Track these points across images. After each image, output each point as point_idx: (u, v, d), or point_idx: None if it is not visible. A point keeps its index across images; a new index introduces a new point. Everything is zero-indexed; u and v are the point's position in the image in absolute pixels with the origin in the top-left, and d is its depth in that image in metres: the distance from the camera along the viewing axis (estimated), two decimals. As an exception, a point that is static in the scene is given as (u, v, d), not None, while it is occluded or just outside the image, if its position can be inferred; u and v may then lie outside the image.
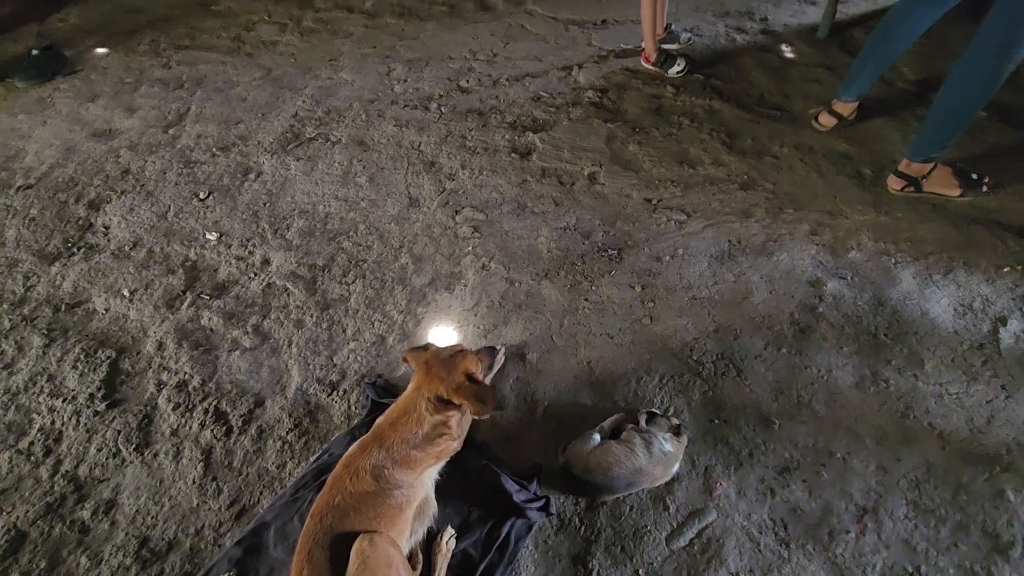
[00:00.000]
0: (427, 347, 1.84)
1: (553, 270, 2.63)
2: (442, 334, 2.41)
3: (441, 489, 1.85)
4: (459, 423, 1.84)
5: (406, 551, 1.72)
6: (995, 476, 1.87)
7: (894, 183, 2.84)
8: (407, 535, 1.73)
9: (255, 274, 2.72)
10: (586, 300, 2.49)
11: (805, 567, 1.71)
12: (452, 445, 1.83)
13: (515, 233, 2.82)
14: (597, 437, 1.93)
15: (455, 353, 1.78)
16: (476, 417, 1.71)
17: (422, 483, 1.80)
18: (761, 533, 1.79)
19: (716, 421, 2.06)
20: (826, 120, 3.25)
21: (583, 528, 1.83)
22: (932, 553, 1.72)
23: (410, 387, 1.77)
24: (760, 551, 1.75)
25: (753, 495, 1.87)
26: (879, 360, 2.20)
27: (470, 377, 1.73)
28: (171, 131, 3.61)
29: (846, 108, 3.20)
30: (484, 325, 2.43)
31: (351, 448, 1.74)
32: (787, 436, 2.00)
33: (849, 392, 2.11)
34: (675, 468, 1.89)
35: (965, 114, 2.56)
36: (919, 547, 1.74)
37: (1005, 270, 2.48)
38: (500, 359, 2.26)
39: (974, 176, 2.79)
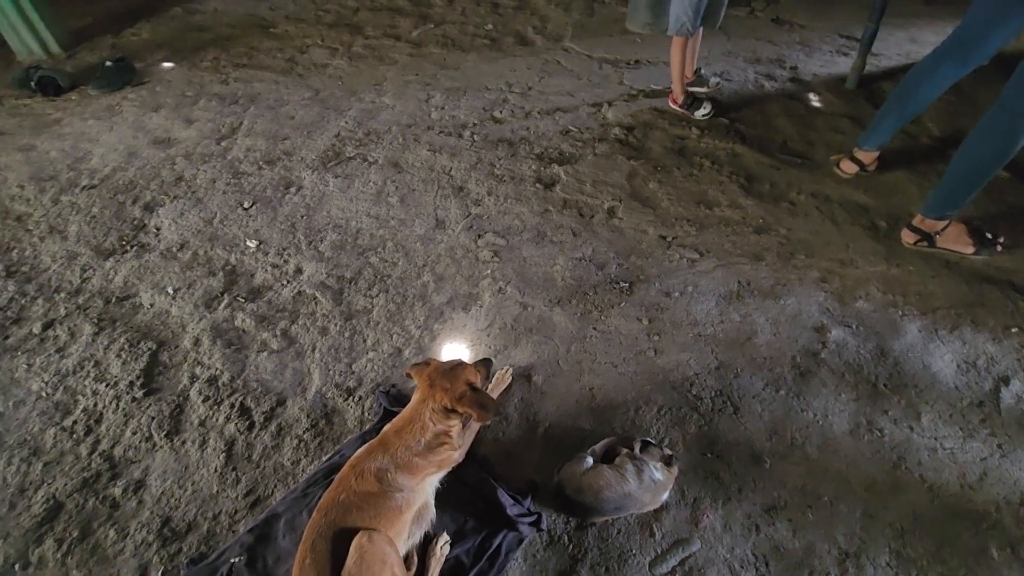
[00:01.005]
0: (428, 362, 1.98)
1: (566, 298, 2.75)
2: (455, 351, 2.55)
3: (441, 497, 1.97)
4: (460, 433, 1.96)
5: (403, 552, 1.84)
6: (981, 533, 1.90)
7: (908, 237, 2.89)
8: (405, 536, 1.85)
9: (288, 281, 2.91)
10: (594, 329, 2.60)
11: (782, 604, 1.77)
12: (453, 455, 1.95)
13: (532, 260, 2.96)
14: (589, 460, 2.03)
15: (455, 366, 1.92)
16: (479, 423, 1.83)
17: (423, 489, 1.92)
18: (743, 567, 1.85)
19: (709, 455, 2.13)
20: (847, 167, 3.32)
21: (571, 546, 1.92)
22: (910, 603, 1.76)
23: (415, 399, 1.91)
24: (739, 584, 1.81)
25: (738, 530, 1.93)
26: (876, 409, 2.24)
27: (471, 386, 1.86)
28: (223, 143, 3.89)
29: (867, 157, 3.27)
30: (495, 345, 2.56)
31: (359, 451, 1.88)
32: (777, 476, 2.06)
33: (843, 438, 2.16)
34: (664, 496, 1.97)
35: (981, 175, 2.61)
36: (898, 596, 1.77)
37: (1013, 331, 2.50)
38: (507, 378, 2.39)
39: (989, 235, 2.82)
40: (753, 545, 1.90)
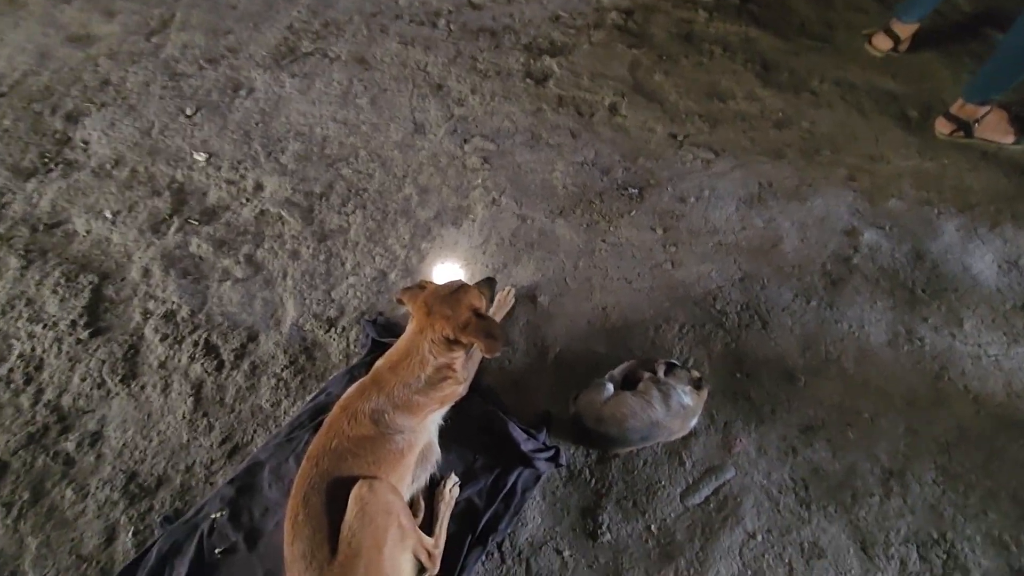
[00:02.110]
0: (423, 286, 1.68)
1: (568, 208, 2.44)
2: (448, 272, 2.25)
3: (445, 435, 1.75)
4: (464, 365, 1.71)
5: (407, 498, 1.63)
6: (1031, 443, 1.77)
7: (943, 126, 2.61)
8: (408, 481, 1.64)
9: (247, 200, 2.52)
10: (603, 241, 2.32)
11: (826, 529, 1.63)
12: (457, 389, 1.71)
13: (528, 166, 2.60)
14: (610, 387, 1.81)
15: (456, 289, 1.63)
16: (487, 356, 1.58)
17: (425, 428, 1.69)
18: (781, 493, 1.70)
19: (738, 375, 1.94)
20: (880, 42, 2.96)
21: (593, 481, 1.74)
22: (959, 520, 1.64)
23: (410, 329, 1.63)
24: (779, 511, 1.67)
25: (774, 453, 1.77)
26: (915, 317, 2.05)
27: (477, 313, 1.58)
28: (154, 39, 3.30)
29: (905, 31, 2.90)
30: (493, 263, 2.27)
31: (348, 391, 1.62)
32: (812, 393, 1.89)
33: (881, 350, 1.98)
34: (693, 423, 1.78)
35: (1034, 55, 2.30)
36: (946, 513, 1.65)
37: (1056, 226, 2.30)
38: (510, 300, 2.11)
39: (1032, 122, 2.56)
40: (790, 469, 1.74)
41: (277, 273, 2.27)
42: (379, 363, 1.64)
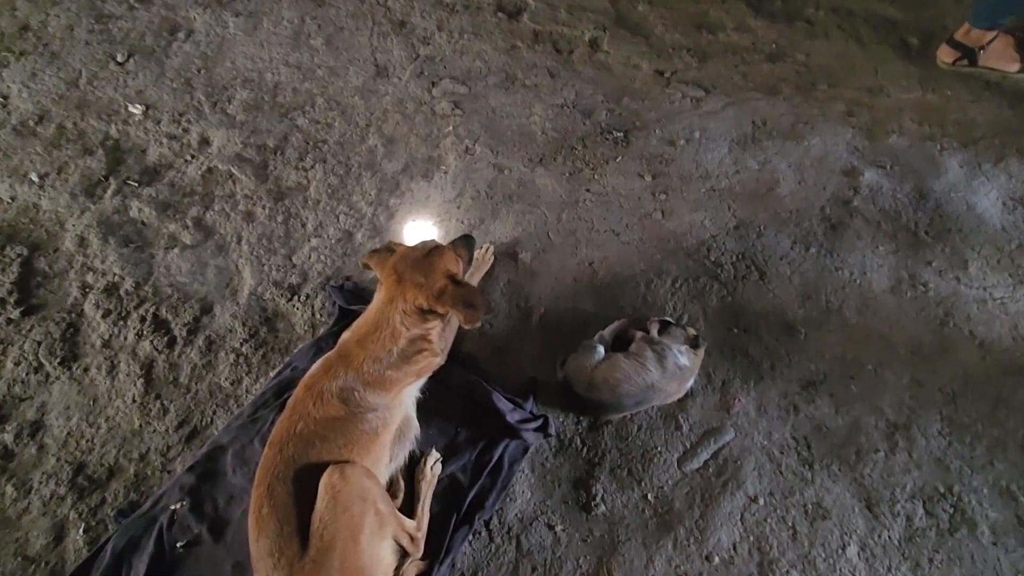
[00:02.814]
0: (391, 248, 1.50)
1: (549, 155, 2.24)
2: (420, 230, 2.06)
3: (423, 408, 1.61)
4: (441, 335, 1.55)
5: (385, 478, 1.51)
6: (1038, 389, 1.70)
7: (945, 55, 2.43)
8: (385, 461, 1.51)
9: (192, 156, 2.27)
10: (587, 191, 2.13)
11: (830, 489, 1.55)
12: (435, 361, 1.56)
13: (503, 110, 2.38)
14: (601, 349, 1.68)
15: (429, 252, 1.45)
16: (466, 327, 1.42)
17: (401, 403, 1.54)
18: (783, 453, 1.61)
19: (735, 330, 1.81)
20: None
21: (585, 450, 1.63)
22: (966, 472, 1.57)
23: (378, 297, 1.45)
24: (781, 473, 1.58)
25: (774, 412, 1.67)
26: (918, 261, 1.94)
27: (453, 279, 1.41)
28: (76, -24, 2.91)
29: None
30: (469, 219, 2.08)
31: (312, 368, 1.45)
32: (813, 347, 1.78)
33: (884, 297, 1.87)
34: (690, 383, 1.66)
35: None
36: (952, 466, 1.58)
37: (1062, 159, 2.18)
38: (488, 258, 1.94)
39: (1038, 48, 2.39)
40: (792, 427, 1.65)
41: (230, 237, 2.06)
42: (345, 336, 1.47)
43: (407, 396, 1.58)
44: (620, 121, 2.33)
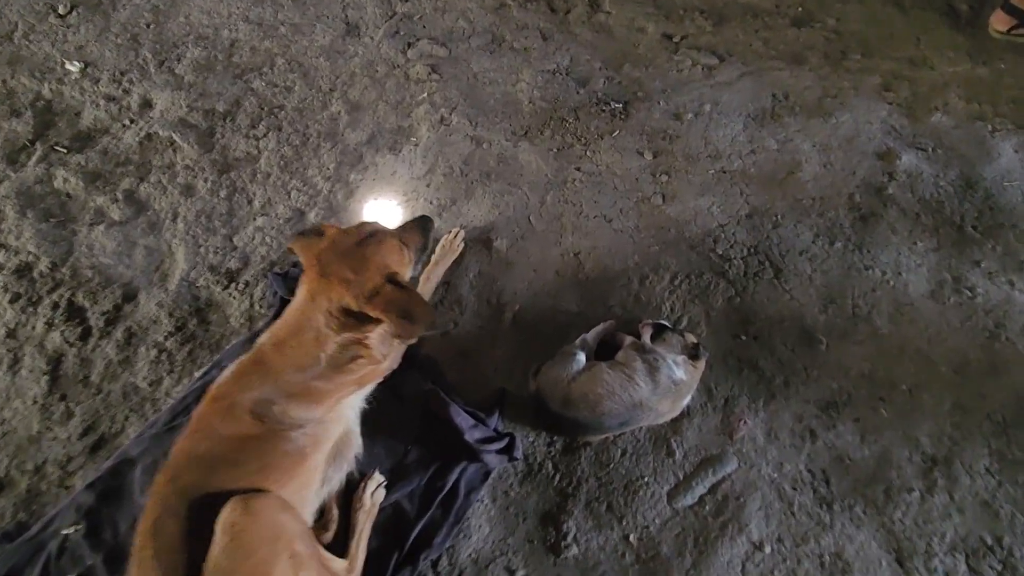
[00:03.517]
0: (321, 231, 1.22)
1: (535, 128, 1.95)
2: (383, 210, 1.78)
3: (369, 420, 1.36)
4: (386, 340, 1.28)
5: (315, 506, 1.26)
6: (1109, 420, 1.41)
7: (1000, 22, 2.11)
8: (315, 486, 1.25)
9: (131, 121, 2.00)
10: (577, 169, 1.85)
11: (852, 536, 1.28)
12: (380, 368, 1.29)
13: (486, 76, 2.08)
14: (581, 357, 1.41)
15: (365, 239, 1.17)
16: (400, 340, 1.15)
17: (339, 416, 1.29)
18: (796, 490, 1.33)
19: (743, 338, 1.53)
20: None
21: (557, 477, 1.36)
22: (1019, 520, 1.29)
23: (300, 293, 1.18)
24: (793, 514, 1.31)
25: (787, 438, 1.39)
26: (964, 260, 1.64)
27: (392, 278, 1.14)
28: (22, -81, 2.63)
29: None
30: (439, 199, 1.80)
31: (222, 375, 1.19)
32: (837, 360, 1.49)
33: (922, 303, 1.58)
34: (686, 401, 1.39)
35: None
36: (1002, 512, 1.30)
37: None
38: (457, 245, 1.66)
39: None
40: (808, 458, 1.37)
41: (165, 214, 1.80)
42: (263, 339, 1.21)
43: (347, 407, 1.32)
44: (619, 91, 2.03)
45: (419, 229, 1.34)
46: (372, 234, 1.18)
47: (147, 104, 2.04)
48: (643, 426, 1.39)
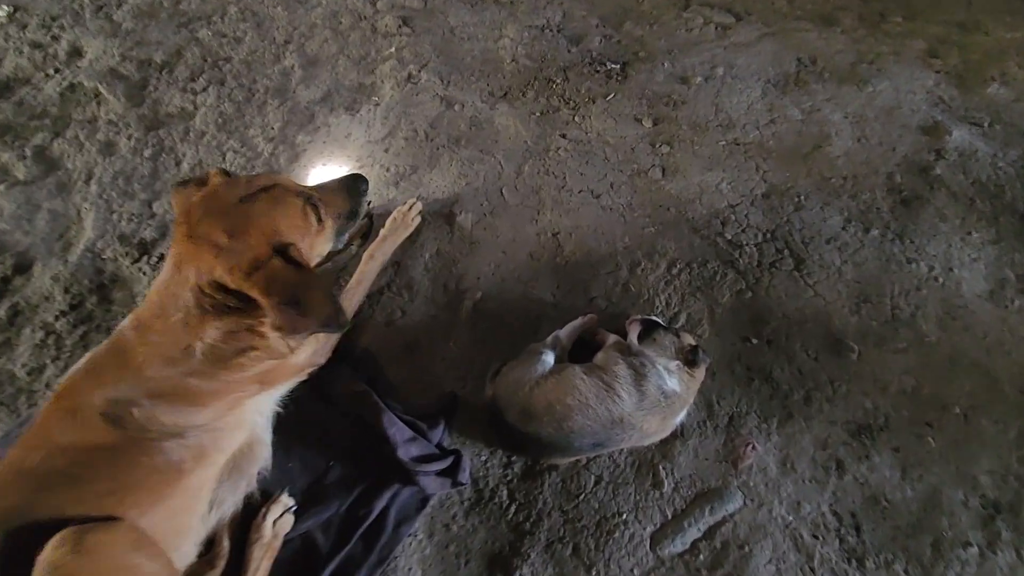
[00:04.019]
0: (204, 180, 0.94)
1: (516, 88, 1.67)
2: (331, 177, 1.51)
3: (285, 428, 1.08)
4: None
5: (198, 537, 0.99)
6: None
7: (1069, -17, 1.79)
8: (201, 511, 0.99)
9: (56, 70, 1.74)
10: (563, 136, 1.56)
11: (889, 604, 0.98)
12: (288, 364, 1.02)
13: (465, 31, 1.81)
14: (549, 358, 1.12)
15: (255, 192, 0.89)
16: (282, 337, 0.88)
17: (240, 423, 1.02)
18: (817, 538, 1.04)
19: (754, 340, 1.24)
20: None
21: (513, 509, 1.08)
22: (1109, 589, 0.99)
23: (168, 260, 0.90)
24: (813, 570, 1.01)
25: (807, 470, 1.10)
26: (1030, 256, 1.34)
27: (282, 251, 0.86)
28: None
29: None
30: (398, 165, 1.52)
31: (72, 369, 0.92)
32: (871, 373, 1.20)
33: (978, 305, 1.28)
34: (679, 418, 1.10)
35: None
36: (1086, 577, 1.00)
37: None
38: (412, 219, 1.38)
39: None
40: (833, 497, 1.08)
41: (78, 174, 1.54)
42: (125, 320, 0.93)
43: (252, 412, 1.05)
44: (618, 50, 1.75)
45: (345, 190, 1.07)
46: (267, 188, 0.90)
47: (76, 52, 1.79)
48: (624, 448, 1.10)
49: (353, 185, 1.08)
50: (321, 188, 1.03)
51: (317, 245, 0.97)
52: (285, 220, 0.89)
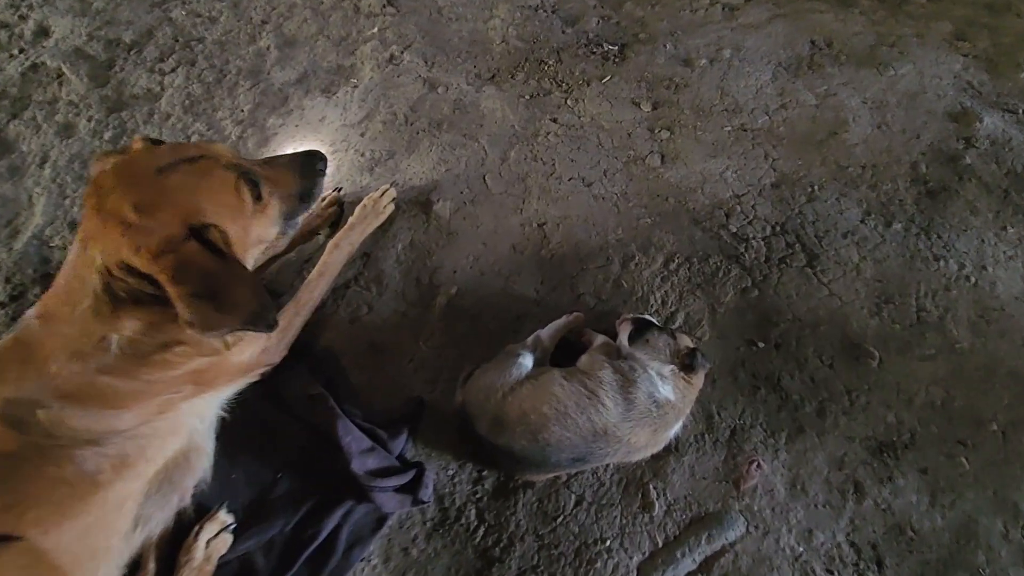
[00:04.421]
0: (125, 149, 0.83)
1: (505, 70, 1.55)
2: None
3: (230, 436, 0.96)
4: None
5: (120, 558, 0.87)
6: None
7: (1109, -38, 1.64)
8: (124, 528, 0.87)
9: (20, 50, 1.65)
10: (553, 121, 1.44)
11: (917, 655, 0.84)
12: (228, 363, 0.90)
13: (453, 11, 1.69)
14: (527, 360, 0.99)
15: (178, 162, 0.77)
16: (193, 330, 0.75)
17: (175, 428, 0.90)
18: (832, 572, 0.90)
19: (761, 344, 1.10)
20: None
21: (482, 531, 0.95)
22: None
23: (76, 238, 0.79)
24: (826, 612, 0.87)
25: (820, 493, 0.96)
26: (1074, 254, 1.19)
27: (199, 232, 0.74)
28: None
29: None
30: (373, 150, 1.41)
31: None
32: (894, 382, 1.05)
33: (1016, 307, 1.13)
34: (673, 431, 0.96)
35: None
36: None
37: None
38: (384, 208, 1.26)
39: None
40: (850, 525, 0.93)
41: (33, 156, 1.43)
42: (31, 310, 0.82)
43: (190, 416, 0.93)
44: (616, 32, 1.62)
45: (297, 167, 0.94)
46: (192, 159, 0.78)
47: (43, 31, 1.69)
48: (609, 464, 0.96)
49: (307, 162, 0.96)
50: (268, 163, 0.91)
51: (254, 229, 0.84)
52: (210, 197, 0.77)
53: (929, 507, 0.94)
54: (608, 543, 0.92)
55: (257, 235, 0.86)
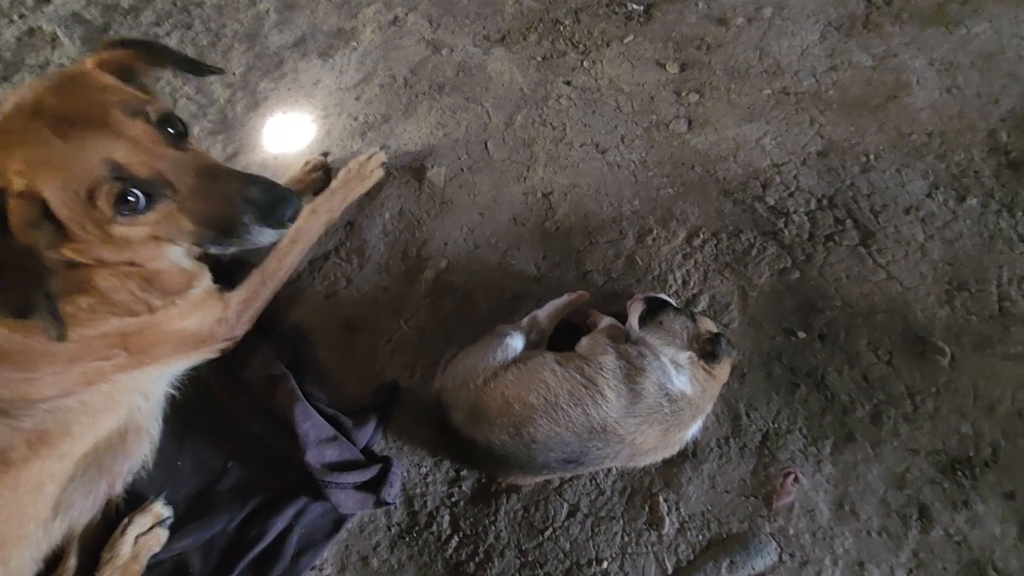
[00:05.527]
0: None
1: (517, 31, 1.40)
2: (290, 126, 1.28)
3: (181, 416, 0.85)
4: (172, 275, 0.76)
5: (36, 552, 0.76)
6: None
7: None
8: (40, 517, 0.77)
9: (20, 16, 1.60)
10: (567, 83, 1.28)
11: None
12: (170, 329, 0.78)
13: (466, -28, 1.56)
14: (517, 342, 0.84)
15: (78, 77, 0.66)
16: None
17: (105, 403, 0.79)
18: (888, 621, 0.71)
19: (801, 335, 0.92)
20: None
21: (455, 542, 0.80)
22: None
23: None
24: (881, 669, 0.68)
25: (874, 516, 0.77)
26: None
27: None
28: None
29: None
30: (367, 114, 1.28)
31: None
32: (970, 384, 0.86)
33: None
34: (691, 432, 0.79)
35: None
36: None
37: None
38: (371, 173, 1.13)
39: None
40: (913, 558, 0.74)
41: (16, 120, 1.36)
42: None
43: (131, 391, 0.81)
44: (643, -9, 1.46)
45: (227, 186, 0.72)
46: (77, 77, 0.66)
47: (44, -2, 1.64)
48: (608, 468, 0.80)
49: (267, 200, 0.71)
50: (213, 174, 0.73)
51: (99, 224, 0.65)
52: (102, 94, 0.65)
53: (1017, 541, 0.74)
54: (605, 565, 0.75)
55: (96, 234, 0.65)
